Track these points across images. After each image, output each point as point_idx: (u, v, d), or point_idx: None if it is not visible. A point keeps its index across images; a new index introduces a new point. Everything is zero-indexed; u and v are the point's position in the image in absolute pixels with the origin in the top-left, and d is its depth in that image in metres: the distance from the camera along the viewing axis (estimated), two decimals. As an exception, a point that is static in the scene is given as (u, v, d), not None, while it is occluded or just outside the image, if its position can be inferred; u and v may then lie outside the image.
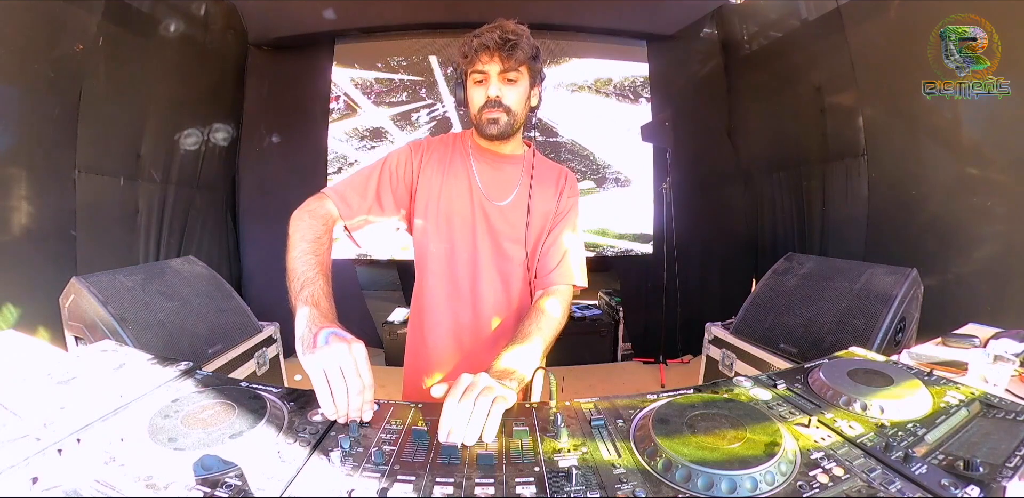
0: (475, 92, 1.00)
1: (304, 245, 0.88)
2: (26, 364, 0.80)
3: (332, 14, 3.08)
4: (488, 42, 0.93)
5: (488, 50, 0.93)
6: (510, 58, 0.94)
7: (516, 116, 1.00)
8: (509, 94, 0.98)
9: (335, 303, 0.81)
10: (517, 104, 1.00)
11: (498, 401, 0.66)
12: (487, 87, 0.97)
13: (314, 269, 0.84)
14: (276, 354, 2.13)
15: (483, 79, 0.97)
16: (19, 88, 1.84)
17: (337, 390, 0.65)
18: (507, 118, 0.99)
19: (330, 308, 0.78)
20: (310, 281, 0.81)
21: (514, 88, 0.98)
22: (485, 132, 1.01)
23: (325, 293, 0.80)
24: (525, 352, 0.86)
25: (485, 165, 1.08)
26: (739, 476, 0.53)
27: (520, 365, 0.82)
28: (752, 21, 3.22)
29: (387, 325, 3.35)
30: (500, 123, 0.99)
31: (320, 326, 0.73)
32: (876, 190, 2.45)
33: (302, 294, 0.79)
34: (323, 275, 0.84)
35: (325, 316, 0.75)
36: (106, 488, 0.51)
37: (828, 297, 1.81)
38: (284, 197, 3.37)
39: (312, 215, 0.96)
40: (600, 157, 3.50)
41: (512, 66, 0.95)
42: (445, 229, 1.06)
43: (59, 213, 2.05)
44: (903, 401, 0.69)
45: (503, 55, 0.93)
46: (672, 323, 3.32)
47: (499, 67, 0.95)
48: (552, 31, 3.37)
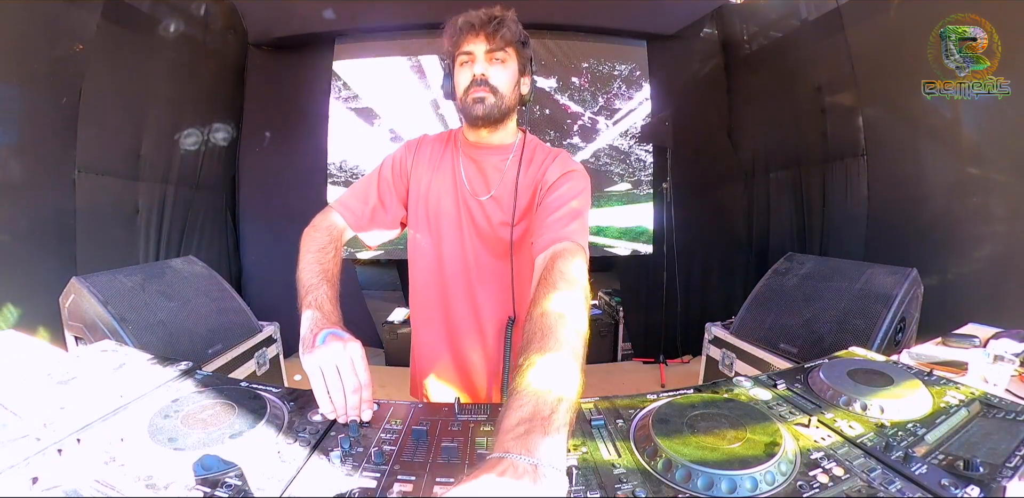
0: (461, 74, 0.95)
1: (309, 256, 0.90)
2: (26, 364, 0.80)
3: (332, 14, 3.08)
4: (473, 20, 0.91)
5: (473, 29, 0.91)
6: (495, 36, 0.91)
7: (504, 98, 0.95)
8: (496, 74, 0.93)
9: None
10: (505, 86, 0.95)
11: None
12: (472, 66, 0.93)
13: (318, 276, 0.85)
14: (276, 354, 2.13)
15: (469, 59, 0.94)
16: (19, 88, 1.84)
17: (333, 388, 0.66)
18: (494, 99, 0.93)
19: (333, 311, 0.79)
20: (314, 287, 0.83)
21: (502, 69, 0.94)
22: (470, 113, 0.95)
23: (329, 297, 0.81)
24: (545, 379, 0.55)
25: (471, 160, 1.05)
26: (739, 476, 0.53)
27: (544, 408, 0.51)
28: (752, 21, 3.22)
29: (387, 325, 3.35)
30: (486, 103, 0.93)
31: (320, 327, 0.73)
32: (876, 190, 2.45)
33: (306, 299, 0.80)
34: (327, 281, 0.85)
35: (327, 318, 0.76)
36: (106, 488, 0.51)
37: (828, 297, 1.81)
38: (284, 197, 3.39)
39: (315, 229, 0.99)
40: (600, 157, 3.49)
41: (499, 45, 0.92)
42: (434, 226, 1.05)
43: (59, 213, 2.05)
44: (903, 401, 0.69)
45: (488, 33, 0.90)
46: (672, 323, 3.32)
47: (485, 46, 0.92)
48: (552, 31, 3.37)
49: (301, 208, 3.33)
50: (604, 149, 3.49)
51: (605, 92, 3.47)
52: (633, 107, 3.49)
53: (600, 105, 3.48)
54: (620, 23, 3.33)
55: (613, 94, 3.48)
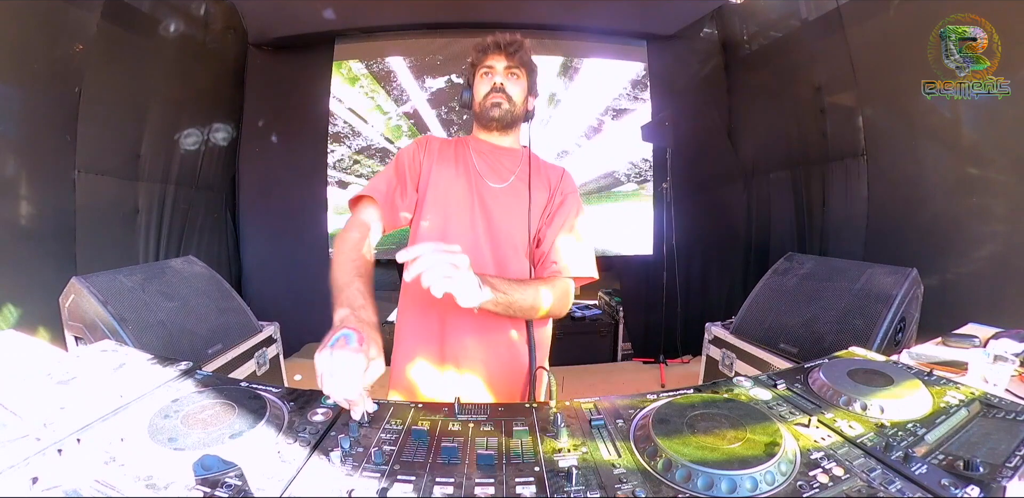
0: (482, 83, 1.14)
1: (341, 257, 0.94)
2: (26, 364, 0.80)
3: (332, 14, 3.08)
4: (500, 40, 1.11)
5: (499, 48, 1.11)
6: (515, 55, 1.11)
7: (516, 106, 1.13)
8: (511, 86, 1.13)
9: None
10: (517, 96, 1.13)
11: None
12: (493, 77, 1.12)
13: (351, 273, 0.88)
14: (276, 354, 2.13)
15: (490, 71, 1.13)
16: (19, 88, 1.84)
17: (326, 391, 0.67)
18: (508, 105, 1.12)
19: (366, 305, 0.81)
20: (347, 284, 0.85)
21: (516, 82, 1.13)
22: (488, 114, 1.12)
23: (362, 292, 0.84)
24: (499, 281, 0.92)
25: (482, 155, 1.17)
26: (739, 476, 0.53)
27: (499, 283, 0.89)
28: (752, 21, 3.22)
29: (387, 325, 3.34)
30: (502, 107, 1.12)
31: (342, 325, 0.74)
32: (876, 190, 2.45)
33: (340, 298, 0.83)
34: (360, 277, 0.88)
35: (356, 315, 0.78)
36: (106, 488, 0.51)
37: (828, 297, 1.81)
38: (284, 197, 3.39)
39: (347, 230, 1.04)
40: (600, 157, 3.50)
41: (515, 63, 1.12)
42: (441, 208, 1.11)
43: (59, 213, 2.05)
44: (903, 401, 0.69)
45: (509, 53, 1.11)
46: (672, 323, 3.32)
47: (505, 63, 1.12)
48: (552, 31, 3.38)
49: (301, 208, 3.34)
50: (604, 149, 3.49)
51: (605, 92, 3.48)
52: (633, 107, 3.49)
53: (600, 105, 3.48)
54: (620, 23, 3.33)
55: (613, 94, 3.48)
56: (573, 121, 3.46)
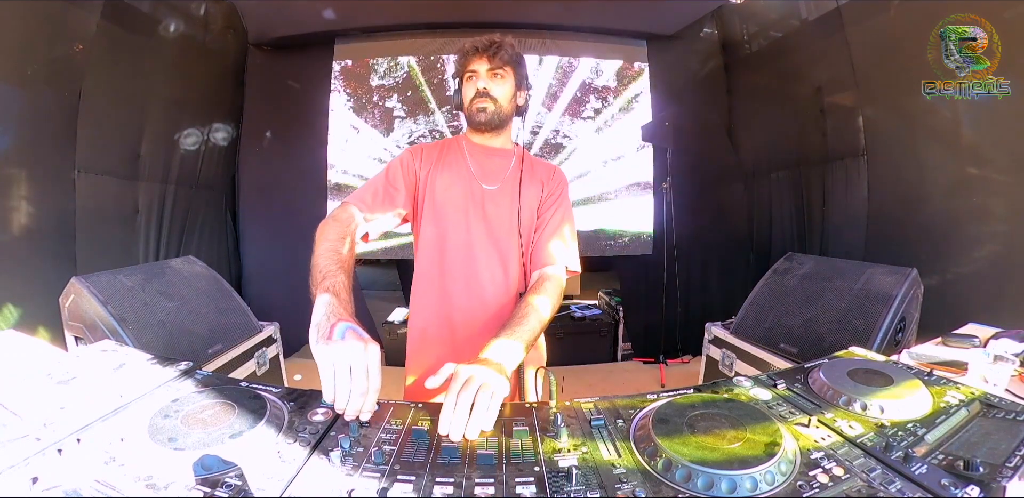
0: (467, 87, 1.15)
1: (326, 244, 0.93)
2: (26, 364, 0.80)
3: (332, 14, 3.08)
4: (478, 44, 1.11)
5: (478, 51, 1.11)
6: (495, 57, 1.11)
7: (502, 108, 1.14)
8: (495, 87, 1.13)
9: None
10: (503, 97, 1.14)
11: (496, 395, 0.68)
12: (476, 81, 1.12)
13: (336, 264, 0.87)
14: (276, 354, 2.13)
15: (473, 75, 1.13)
16: (19, 88, 1.84)
17: (341, 388, 0.66)
18: (494, 107, 1.13)
19: (349, 301, 0.80)
20: (331, 274, 0.84)
21: (500, 83, 1.13)
22: (474, 120, 1.14)
23: (345, 287, 0.82)
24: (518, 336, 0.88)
25: (476, 158, 1.19)
26: (739, 476, 0.53)
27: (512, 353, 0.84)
28: (752, 21, 3.22)
29: (387, 325, 3.35)
30: (488, 111, 1.12)
31: (339, 318, 0.73)
32: (876, 190, 2.45)
33: (323, 284, 0.81)
34: (344, 271, 0.87)
35: (345, 308, 0.77)
36: (106, 488, 0.51)
37: (828, 297, 1.81)
38: (284, 197, 3.39)
39: (334, 219, 1.03)
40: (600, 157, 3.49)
41: (497, 65, 1.12)
42: (440, 213, 1.14)
43: (59, 213, 2.05)
44: (903, 401, 0.69)
45: (489, 55, 1.11)
46: (672, 323, 3.32)
47: (487, 65, 1.12)
48: (552, 31, 3.37)
49: (301, 208, 3.33)
50: (604, 149, 3.49)
51: (605, 92, 3.47)
52: (633, 107, 3.49)
53: (600, 105, 3.48)
54: (620, 23, 3.33)
55: (613, 94, 3.48)
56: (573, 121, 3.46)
